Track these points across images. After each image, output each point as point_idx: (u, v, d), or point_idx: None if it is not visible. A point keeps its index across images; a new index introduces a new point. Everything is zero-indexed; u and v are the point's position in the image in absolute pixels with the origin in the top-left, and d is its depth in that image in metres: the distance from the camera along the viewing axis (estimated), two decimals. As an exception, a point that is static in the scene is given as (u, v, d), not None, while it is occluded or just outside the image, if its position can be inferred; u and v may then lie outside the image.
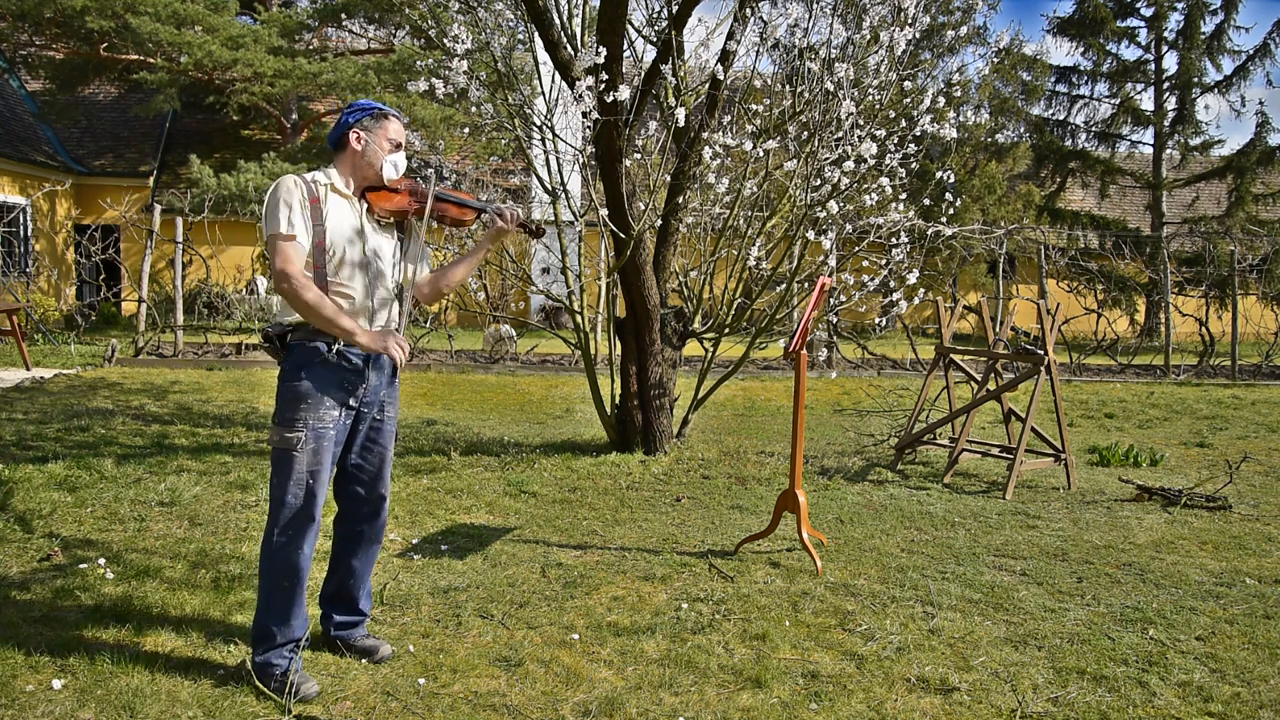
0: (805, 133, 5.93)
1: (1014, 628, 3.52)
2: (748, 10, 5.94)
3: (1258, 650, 3.35)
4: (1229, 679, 3.11)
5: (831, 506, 5.36)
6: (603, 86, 5.22)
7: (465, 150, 18.68)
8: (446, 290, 3.26)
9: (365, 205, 3.01)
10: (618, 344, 6.63)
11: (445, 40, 5.81)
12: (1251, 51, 21.47)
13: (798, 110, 5.82)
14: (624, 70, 5.53)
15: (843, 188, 5.77)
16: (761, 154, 5.87)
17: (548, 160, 6.55)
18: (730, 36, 5.94)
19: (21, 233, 16.51)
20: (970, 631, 3.48)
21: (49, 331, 13.34)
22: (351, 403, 2.94)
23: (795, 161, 5.93)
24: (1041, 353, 6.00)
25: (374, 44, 19.46)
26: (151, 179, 18.80)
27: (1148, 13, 21.92)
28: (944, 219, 6.62)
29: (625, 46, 5.73)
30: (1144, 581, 4.10)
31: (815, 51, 5.72)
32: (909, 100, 5.92)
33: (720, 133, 6.15)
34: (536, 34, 5.93)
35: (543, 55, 6.27)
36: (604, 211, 5.87)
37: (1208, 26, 21.63)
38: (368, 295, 2.95)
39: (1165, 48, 22.07)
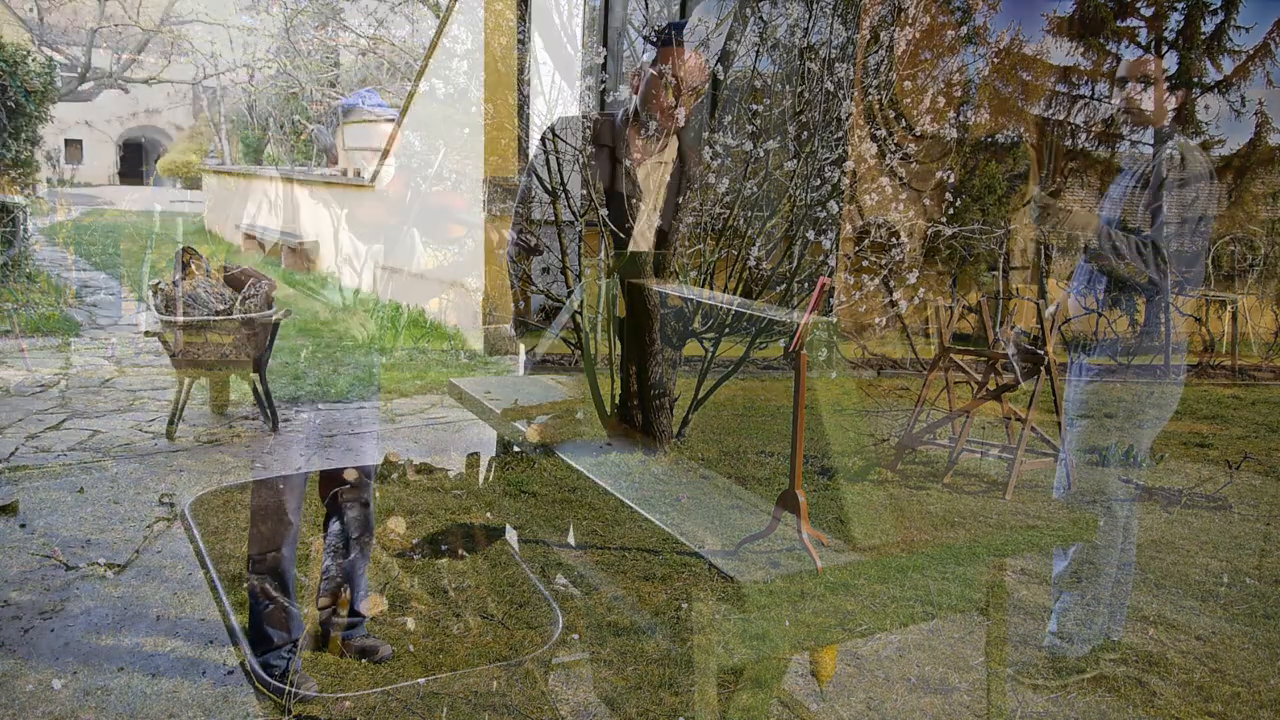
0: (805, 133, 5.93)
1: (1014, 628, 3.52)
2: (748, 10, 5.94)
3: (1258, 650, 3.35)
4: (1229, 679, 3.11)
5: (831, 506, 5.36)
6: (603, 87, 5.23)
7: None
8: None
9: None
10: (617, 344, 6.62)
11: (445, 40, 5.81)
12: (1251, 51, 21.50)
13: (798, 110, 5.82)
14: (624, 70, 5.53)
15: (843, 188, 5.77)
16: (762, 154, 5.87)
17: (548, 160, 6.54)
18: (730, 36, 5.93)
19: (21, 232, 16.50)
20: (970, 632, 3.47)
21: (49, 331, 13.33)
22: (321, 405, 2.92)
23: (795, 161, 5.93)
24: (1041, 353, 6.00)
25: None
26: (152, 179, 18.78)
27: (1148, 13, 21.95)
28: (944, 219, 6.61)
29: (625, 46, 5.74)
30: (1144, 581, 4.10)
31: (815, 51, 5.72)
32: (909, 100, 5.92)
33: (720, 133, 6.15)
34: (536, 34, 5.94)
35: (543, 55, 6.27)
36: (604, 212, 5.87)
37: (1208, 26, 21.65)
38: None
39: (1165, 48, 22.10)
